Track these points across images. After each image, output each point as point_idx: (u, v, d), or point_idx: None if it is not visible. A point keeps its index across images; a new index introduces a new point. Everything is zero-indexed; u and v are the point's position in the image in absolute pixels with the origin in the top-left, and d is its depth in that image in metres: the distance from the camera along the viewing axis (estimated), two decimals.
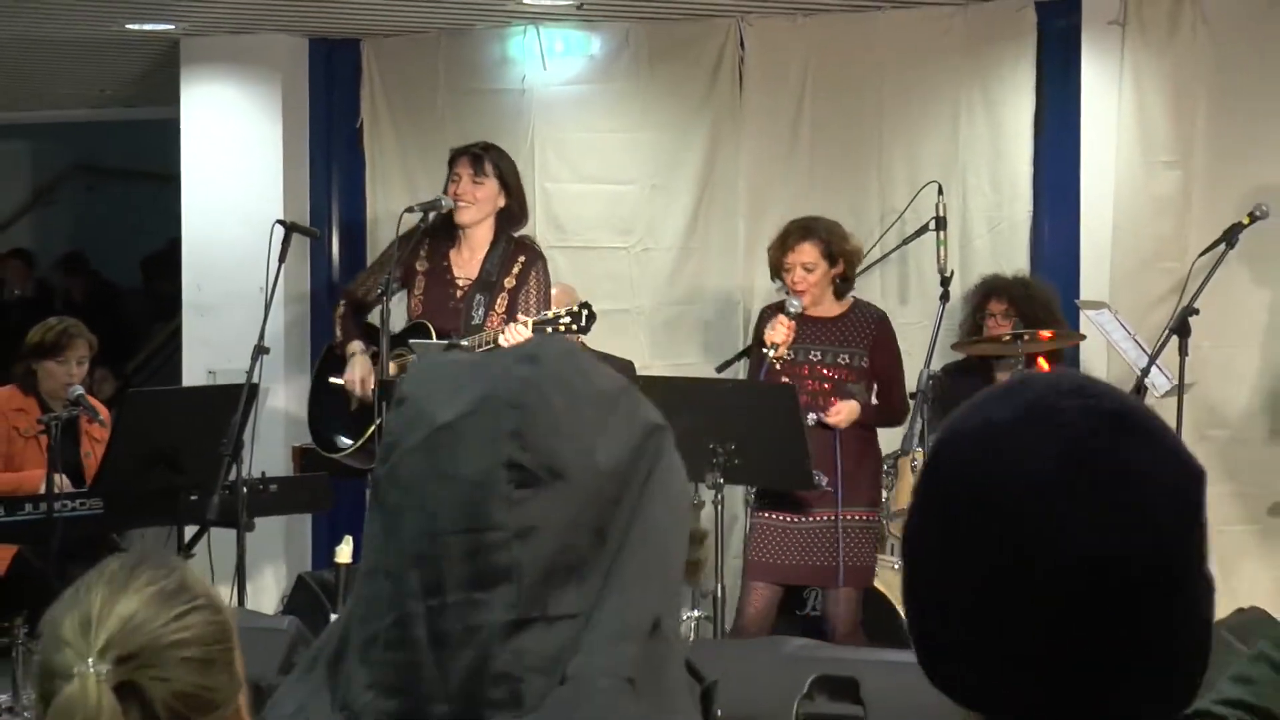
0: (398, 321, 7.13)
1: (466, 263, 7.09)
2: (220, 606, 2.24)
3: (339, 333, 7.44)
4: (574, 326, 6.66)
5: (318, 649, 1.61)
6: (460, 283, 7.07)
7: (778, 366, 6.99)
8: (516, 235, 7.21)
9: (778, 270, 7.14)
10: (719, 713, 1.87)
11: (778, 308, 7.11)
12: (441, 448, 1.55)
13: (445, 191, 7.20)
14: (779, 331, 6.95)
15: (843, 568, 6.99)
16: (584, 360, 1.64)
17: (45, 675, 2.08)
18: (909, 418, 7.42)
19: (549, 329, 6.62)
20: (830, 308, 7.15)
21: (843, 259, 7.10)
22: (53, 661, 2.08)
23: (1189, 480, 1.44)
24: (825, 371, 7.06)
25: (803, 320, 7.02)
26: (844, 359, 7.07)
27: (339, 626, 1.61)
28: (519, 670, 1.51)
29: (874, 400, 7.15)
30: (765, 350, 7.01)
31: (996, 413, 1.47)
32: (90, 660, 2.05)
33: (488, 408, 1.54)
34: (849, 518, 6.99)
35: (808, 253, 7.02)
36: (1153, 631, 1.41)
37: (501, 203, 7.11)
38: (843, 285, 7.17)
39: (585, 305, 6.76)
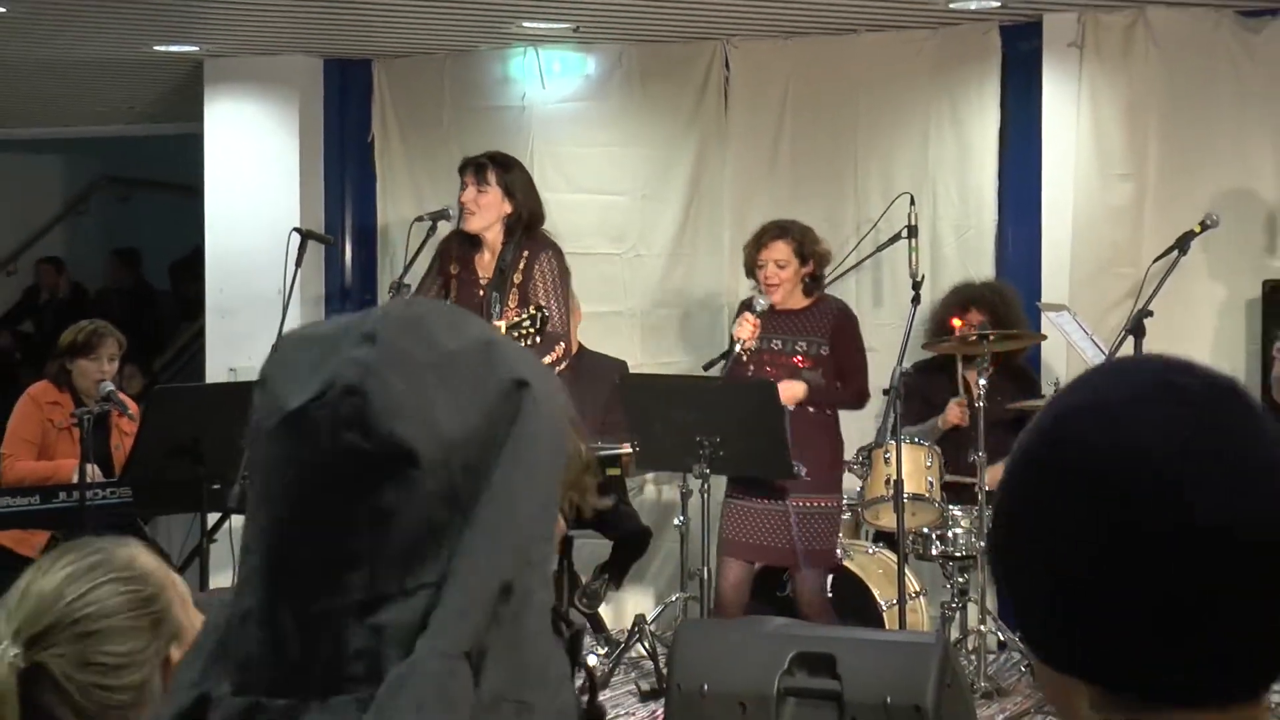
0: None
1: (487, 265, 7.13)
2: (144, 575, 2.21)
3: None
4: (531, 329, 6.68)
5: (213, 625, 1.54)
6: (482, 283, 7.10)
7: (744, 359, 7.05)
8: (530, 235, 7.19)
9: (752, 267, 7.21)
10: (590, 659, 1.81)
11: (747, 305, 7.18)
12: (289, 435, 1.46)
13: (459, 200, 7.24)
14: (744, 329, 7.06)
15: (801, 551, 7.03)
16: (429, 325, 1.49)
17: None
18: (880, 412, 7.44)
19: (515, 332, 6.64)
20: (797, 301, 7.21)
21: (813, 259, 7.19)
22: None
23: None
24: (784, 359, 7.10)
25: (770, 313, 7.10)
26: (802, 346, 7.13)
27: (226, 602, 1.54)
28: (377, 645, 1.43)
29: (837, 384, 7.18)
30: (733, 345, 7.12)
31: (1114, 391, 1.40)
32: (4, 644, 2.06)
33: (329, 395, 1.43)
34: (807, 504, 7.02)
35: (781, 250, 7.10)
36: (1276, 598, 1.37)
37: (507, 209, 7.11)
38: (811, 284, 7.23)
39: (540, 310, 6.76)
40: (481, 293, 7.07)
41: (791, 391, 6.98)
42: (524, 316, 6.75)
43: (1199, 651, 1.36)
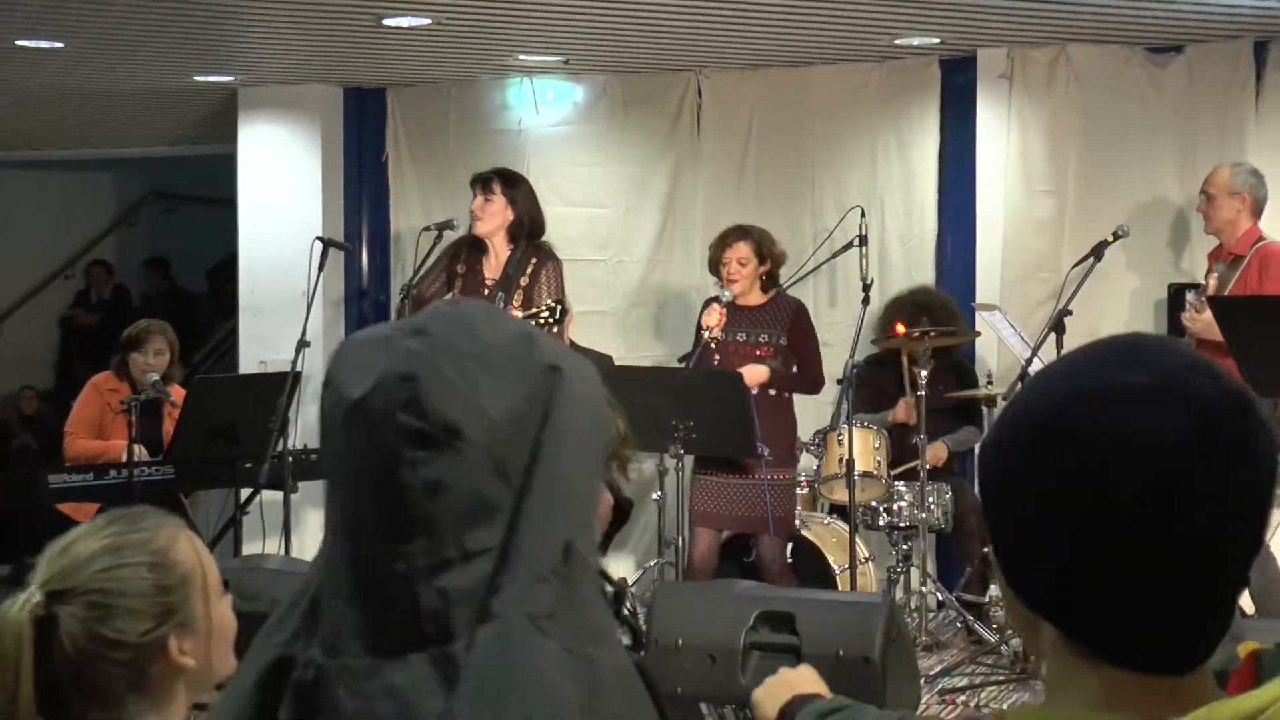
0: None
1: (493, 268, 7.14)
2: (172, 565, 2.19)
3: None
4: (550, 320, 6.69)
5: (296, 595, 1.55)
6: (488, 283, 7.10)
7: (712, 345, 7.08)
8: (536, 242, 7.24)
9: (716, 265, 7.26)
10: (632, 608, 1.81)
11: (713, 299, 7.21)
12: (355, 423, 1.48)
13: (470, 208, 7.25)
14: (713, 316, 7.11)
15: (771, 518, 7.05)
16: (473, 320, 1.54)
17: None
18: (835, 399, 7.45)
19: (533, 321, 6.66)
20: (756, 298, 7.24)
21: (770, 259, 7.26)
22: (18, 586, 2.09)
23: (1275, 441, 1.37)
24: (748, 350, 7.12)
25: (733, 308, 7.14)
26: (764, 338, 7.17)
27: (313, 576, 1.56)
28: (445, 606, 1.45)
29: (794, 370, 7.22)
30: (702, 332, 7.14)
31: (1133, 376, 1.35)
32: (31, 589, 2.06)
33: (384, 384, 1.47)
34: (771, 477, 7.03)
35: (743, 250, 7.17)
36: (1236, 589, 1.36)
37: (510, 217, 7.13)
38: (768, 281, 7.27)
39: (559, 302, 6.82)
40: (487, 292, 7.07)
41: (755, 375, 7.02)
42: (543, 308, 6.79)
43: (1145, 629, 1.34)
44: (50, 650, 2.05)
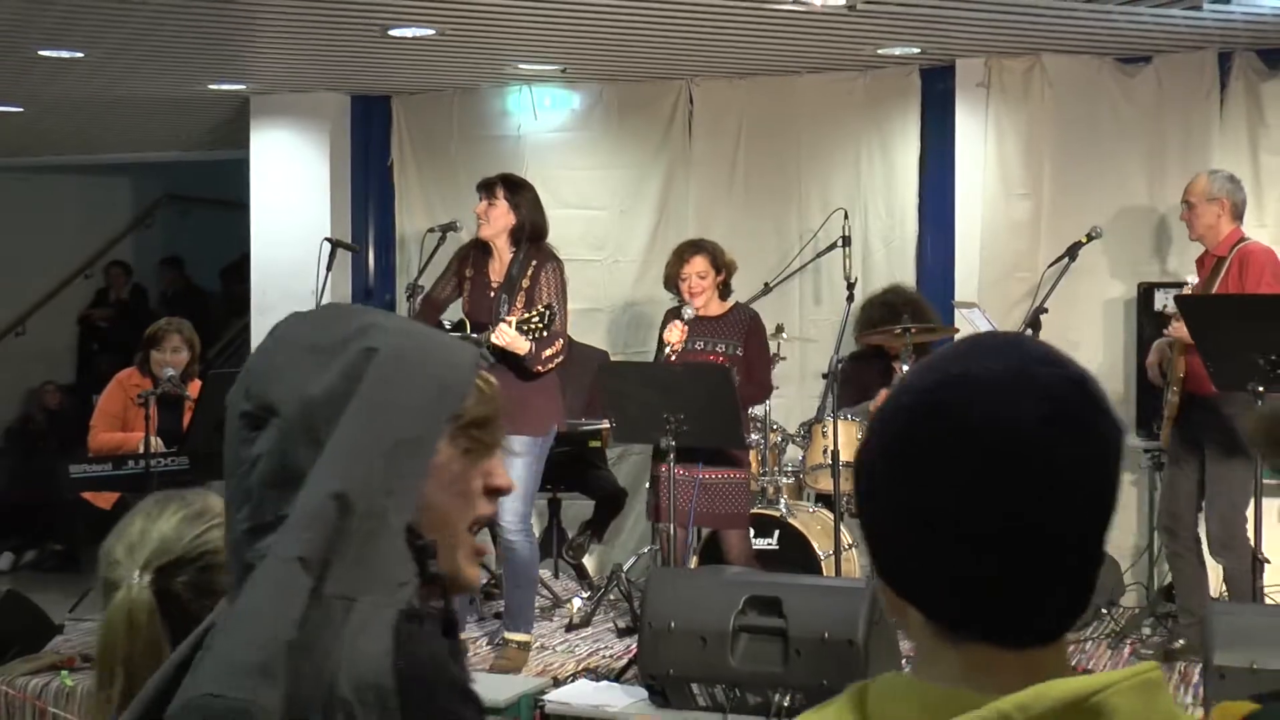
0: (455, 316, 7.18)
1: (498, 270, 7.07)
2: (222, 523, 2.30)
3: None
4: (540, 326, 6.63)
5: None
6: (493, 285, 7.06)
7: (673, 358, 7.02)
8: (538, 245, 7.16)
9: (674, 280, 7.17)
10: (575, 601, 1.95)
11: (675, 314, 7.15)
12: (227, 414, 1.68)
13: (475, 211, 7.24)
14: (674, 333, 7.04)
15: (729, 513, 7.04)
16: (321, 317, 1.72)
17: (105, 589, 2.14)
18: (821, 394, 7.43)
19: (525, 327, 6.61)
20: (715, 309, 7.17)
21: (725, 269, 7.20)
22: (109, 578, 2.14)
23: (1122, 437, 1.39)
24: (705, 357, 7.07)
25: (694, 320, 7.07)
26: (721, 348, 7.12)
27: None
28: (258, 562, 1.59)
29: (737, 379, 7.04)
30: (663, 347, 7.09)
31: (988, 366, 1.37)
32: (135, 573, 2.12)
33: (240, 378, 1.67)
34: (718, 476, 6.97)
35: (700, 264, 7.12)
36: (1094, 560, 1.38)
37: (513, 221, 7.07)
38: (724, 289, 7.22)
39: (550, 306, 6.71)
40: (492, 293, 7.04)
41: None
42: (534, 314, 6.68)
43: (996, 605, 1.35)
44: (172, 620, 2.11)
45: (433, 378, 1.68)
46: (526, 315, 6.68)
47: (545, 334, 6.63)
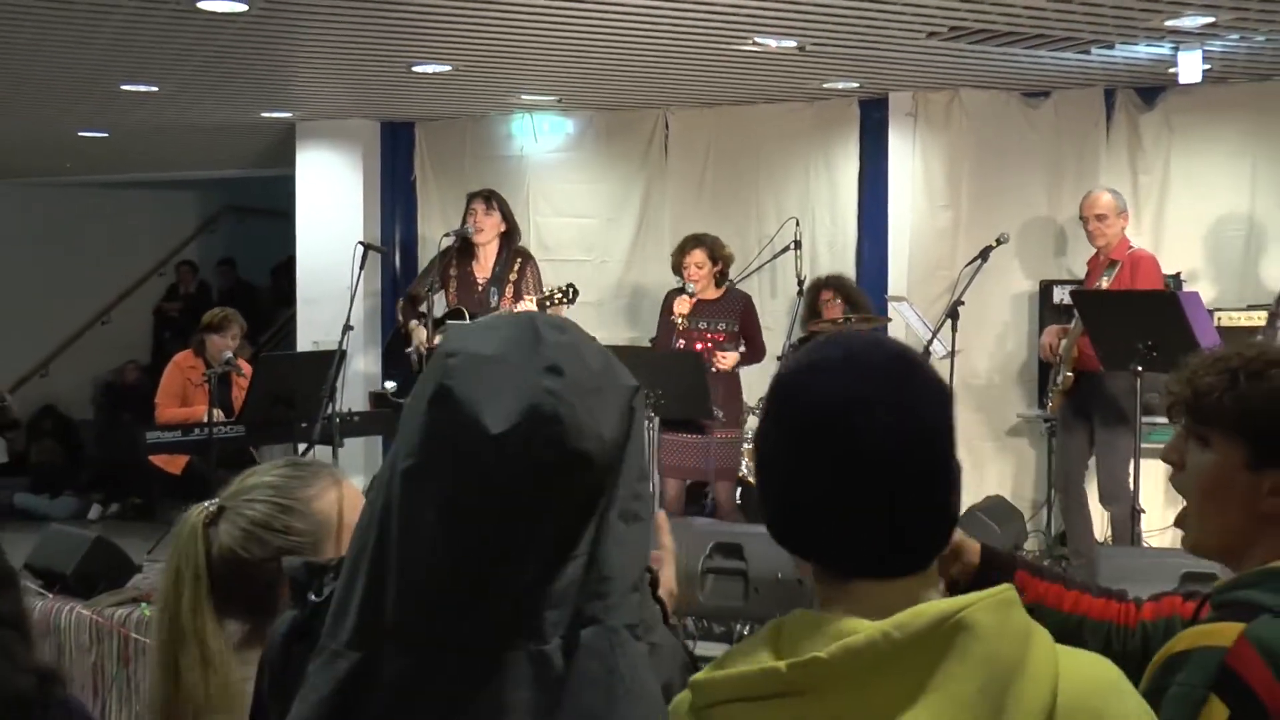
0: (438, 311, 7.23)
1: (483, 267, 7.16)
2: (306, 514, 2.10)
3: (401, 316, 7.59)
4: (563, 300, 6.78)
5: (341, 594, 1.36)
6: (480, 281, 7.11)
7: (679, 329, 7.05)
8: (516, 246, 7.28)
9: (678, 267, 7.24)
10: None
11: (679, 291, 7.20)
12: (496, 452, 1.29)
13: (464, 220, 7.27)
14: (684, 305, 7.08)
15: (717, 469, 7.08)
16: (582, 350, 1.37)
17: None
18: (763, 359, 7.46)
19: (547, 303, 6.74)
20: (713, 293, 7.22)
21: (721, 260, 7.24)
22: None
23: (946, 395, 1.41)
24: (709, 334, 7.11)
25: (697, 302, 7.11)
26: (721, 326, 7.16)
27: (356, 577, 1.35)
28: (540, 607, 1.30)
29: (742, 349, 7.22)
30: (673, 318, 7.11)
31: (817, 356, 1.41)
32: (215, 500, 2.06)
33: (530, 421, 1.29)
34: (722, 435, 7.03)
35: (699, 255, 7.15)
36: (937, 501, 1.39)
37: (503, 228, 7.18)
38: (720, 278, 7.25)
39: (571, 285, 6.89)
40: (480, 287, 7.10)
41: (729, 360, 7.07)
42: (555, 290, 6.89)
43: (858, 546, 1.37)
44: (209, 552, 2.04)
45: (643, 430, 1.44)
46: (547, 293, 6.83)
47: (566, 310, 6.79)
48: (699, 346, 7.07)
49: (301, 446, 7.28)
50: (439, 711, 1.29)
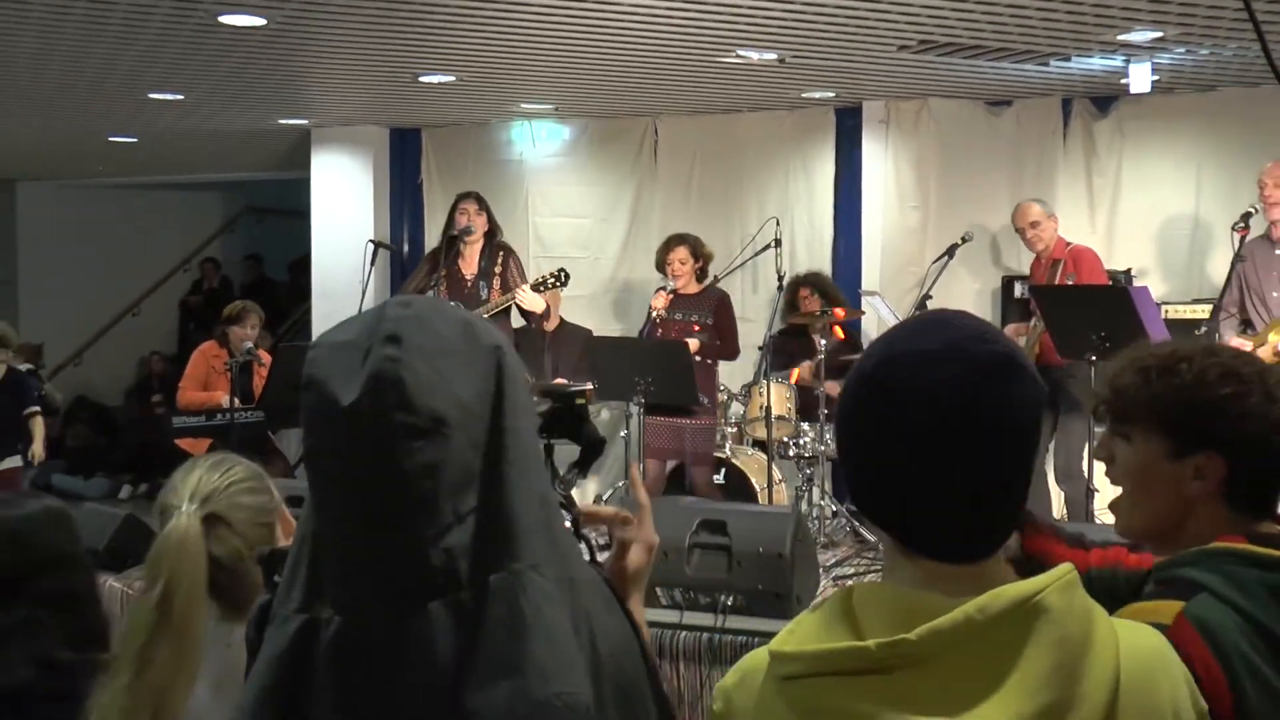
0: None
1: (469, 263, 7.19)
2: (265, 488, 2.22)
3: None
4: (556, 283, 6.83)
5: (291, 566, 1.40)
6: (468, 277, 7.13)
7: (658, 321, 7.07)
8: (497, 241, 7.30)
9: (662, 263, 7.27)
10: (579, 514, 1.73)
11: (661, 288, 7.25)
12: (349, 423, 1.31)
13: (450, 218, 7.28)
14: (660, 300, 7.15)
15: (694, 452, 7.08)
16: (431, 317, 1.37)
17: (161, 515, 2.07)
18: (756, 362, 7.45)
19: (542, 287, 6.79)
20: (693, 288, 7.24)
21: (702, 258, 7.26)
22: (165, 506, 2.08)
23: (1042, 397, 1.38)
24: (685, 326, 7.15)
25: (675, 295, 7.16)
26: (696, 317, 7.16)
27: (300, 548, 1.40)
28: (449, 562, 1.32)
29: (717, 343, 7.22)
30: (653, 314, 7.17)
31: (925, 343, 1.36)
32: (185, 505, 2.05)
33: (375, 387, 1.30)
34: (696, 422, 7.05)
35: (681, 253, 7.18)
36: (1014, 496, 1.38)
37: (487, 226, 7.23)
38: (701, 274, 7.26)
39: (562, 269, 6.94)
40: (469, 284, 7.12)
41: (691, 345, 7.01)
42: (549, 275, 6.98)
43: (940, 531, 1.36)
44: (212, 555, 2.05)
45: (521, 364, 1.44)
46: (541, 278, 6.90)
47: (560, 288, 6.93)
48: (674, 335, 7.09)
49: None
50: (372, 664, 1.32)
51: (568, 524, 1.46)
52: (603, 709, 1.36)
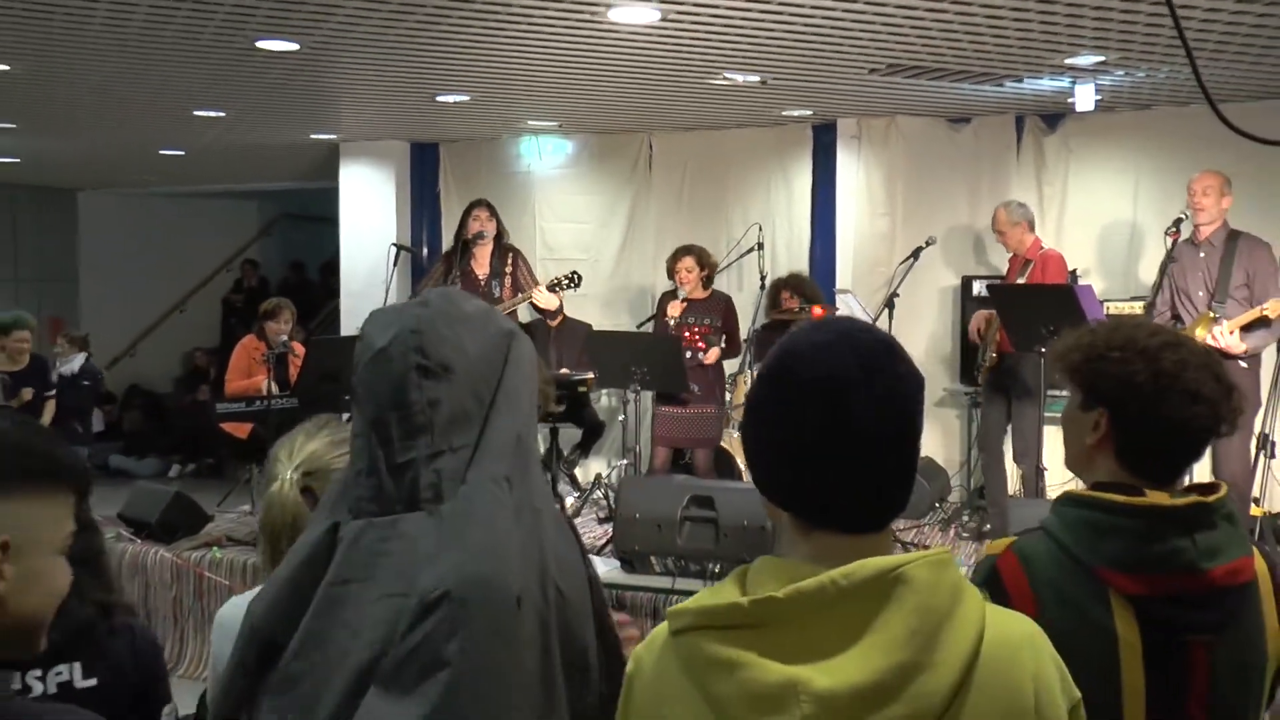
0: None
1: (481, 265, 7.17)
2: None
3: None
4: (570, 285, 6.82)
5: (337, 481, 1.62)
6: (481, 277, 7.11)
7: (671, 325, 7.03)
8: (505, 244, 7.28)
9: (671, 271, 7.21)
10: (606, 492, 1.91)
11: (672, 294, 7.18)
12: (380, 362, 1.55)
13: (463, 223, 7.26)
14: (676, 309, 7.08)
15: (703, 437, 7.04)
16: (458, 298, 1.61)
17: (267, 480, 2.09)
18: (741, 353, 7.44)
19: (557, 287, 6.78)
20: (700, 294, 7.18)
21: (707, 267, 7.21)
22: (270, 472, 2.09)
23: (920, 381, 1.40)
24: (697, 329, 7.10)
25: (688, 301, 7.11)
26: (706, 322, 7.12)
27: (346, 467, 1.62)
28: (438, 480, 1.51)
29: (723, 344, 7.18)
30: (666, 319, 7.11)
31: (819, 336, 1.39)
32: (289, 471, 2.06)
33: (400, 336, 1.54)
34: (700, 410, 7.00)
35: (689, 262, 7.13)
36: (904, 469, 1.38)
37: (496, 230, 7.22)
38: (707, 281, 7.20)
39: (575, 272, 6.92)
40: (482, 284, 7.11)
41: (713, 355, 7.08)
42: (564, 277, 6.96)
43: (832, 504, 1.36)
44: (309, 509, 2.04)
45: (534, 359, 1.65)
46: (556, 279, 6.87)
47: (575, 289, 6.90)
48: (687, 336, 7.08)
49: (345, 416, 7.28)
50: (373, 553, 1.50)
51: (568, 506, 1.61)
52: (545, 605, 1.50)
